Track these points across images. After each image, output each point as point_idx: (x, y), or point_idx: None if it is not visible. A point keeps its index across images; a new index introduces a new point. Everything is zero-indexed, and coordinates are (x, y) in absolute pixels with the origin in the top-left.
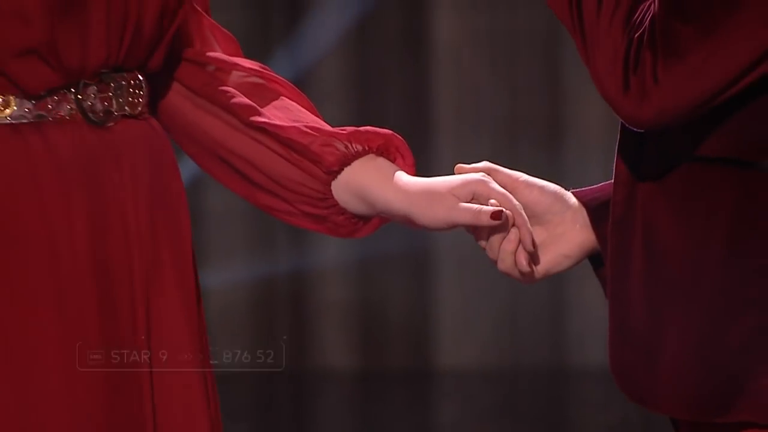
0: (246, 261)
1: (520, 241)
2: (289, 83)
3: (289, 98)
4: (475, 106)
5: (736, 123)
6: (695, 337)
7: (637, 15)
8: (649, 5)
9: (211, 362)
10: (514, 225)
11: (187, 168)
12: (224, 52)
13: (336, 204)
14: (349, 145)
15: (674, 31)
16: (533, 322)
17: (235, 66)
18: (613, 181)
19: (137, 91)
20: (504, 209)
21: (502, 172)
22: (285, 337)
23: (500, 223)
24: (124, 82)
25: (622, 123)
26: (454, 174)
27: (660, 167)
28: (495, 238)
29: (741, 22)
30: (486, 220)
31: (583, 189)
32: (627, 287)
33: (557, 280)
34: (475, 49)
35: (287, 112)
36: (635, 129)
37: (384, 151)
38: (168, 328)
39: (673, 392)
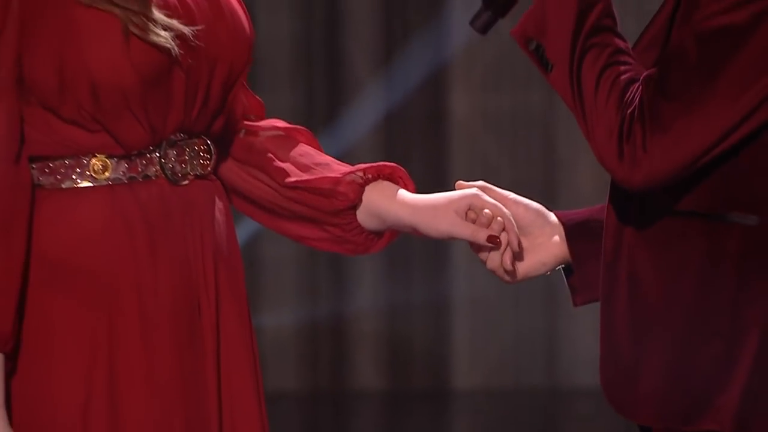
0: (294, 302)
1: (507, 244)
2: (304, 129)
3: (305, 143)
4: (484, 171)
5: (709, 182)
6: (669, 362)
7: (629, 94)
8: (638, 86)
9: (262, 383)
10: (504, 231)
11: (247, 222)
12: (254, 113)
13: (358, 225)
14: (364, 176)
15: (659, 108)
16: (532, 349)
17: (260, 128)
18: (604, 225)
19: (206, 155)
20: (497, 235)
21: (494, 190)
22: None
23: (494, 245)
24: (196, 147)
25: (612, 181)
26: (455, 186)
27: (643, 220)
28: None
29: (715, 100)
30: (482, 239)
31: (564, 211)
32: (614, 319)
33: (553, 314)
34: (485, 125)
35: (308, 157)
36: (632, 190)
37: (391, 177)
38: (231, 352)
39: (650, 404)
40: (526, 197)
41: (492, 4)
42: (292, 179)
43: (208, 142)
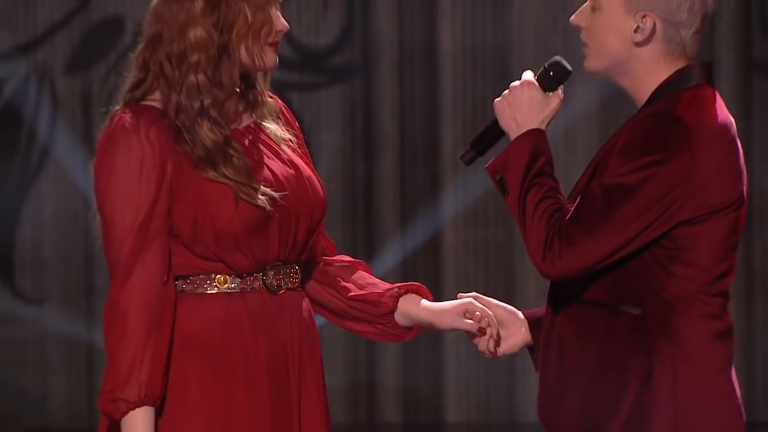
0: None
1: (490, 336)
2: (362, 261)
3: (362, 270)
4: (467, 285)
5: (606, 282)
6: (579, 399)
7: (554, 219)
8: (561, 215)
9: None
10: (489, 326)
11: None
12: (329, 251)
13: (395, 323)
14: (398, 291)
15: (571, 231)
16: (511, 387)
17: (332, 261)
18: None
19: (295, 276)
20: (484, 328)
21: (482, 298)
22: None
23: (484, 333)
24: (288, 270)
25: (549, 284)
26: (456, 297)
27: (566, 307)
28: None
29: (609, 230)
30: (476, 330)
31: (528, 310)
32: (548, 370)
33: (529, 361)
34: (466, 252)
35: (363, 279)
36: (549, 280)
37: (416, 291)
38: (309, 404)
39: (567, 426)
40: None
41: (476, 147)
42: (353, 294)
43: (297, 267)
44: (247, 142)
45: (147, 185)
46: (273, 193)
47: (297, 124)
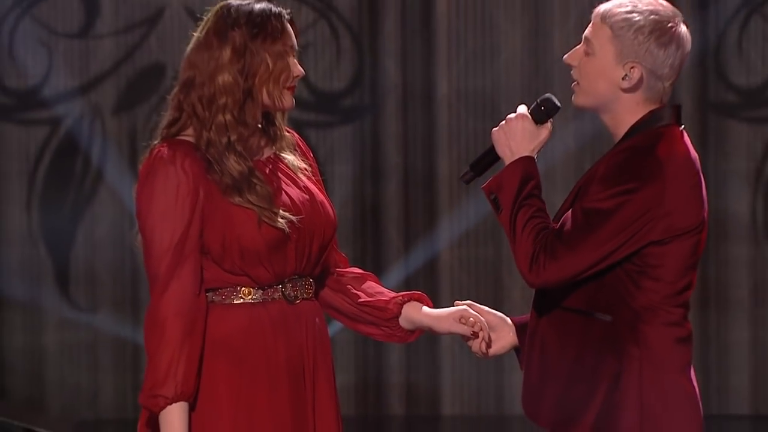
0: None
1: (482, 339)
2: (371, 273)
3: (371, 281)
4: (460, 296)
5: (584, 292)
6: (558, 394)
7: (540, 236)
8: (546, 232)
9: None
10: (481, 330)
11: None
12: (342, 264)
13: (400, 327)
14: (402, 299)
15: (555, 247)
16: (499, 384)
17: (345, 272)
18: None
19: (310, 287)
20: (477, 332)
21: (475, 305)
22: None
23: (477, 337)
24: (304, 282)
25: (534, 292)
26: (453, 305)
27: (548, 312)
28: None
29: (587, 247)
30: (470, 333)
31: (515, 317)
32: (531, 367)
33: (516, 361)
34: (460, 267)
35: (372, 288)
36: (533, 288)
37: (418, 299)
38: (322, 401)
39: (546, 415)
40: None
41: (474, 168)
42: (362, 300)
43: (311, 279)
44: (268, 171)
45: (182, 209)
46: (291, 216)
47: (311, 155)
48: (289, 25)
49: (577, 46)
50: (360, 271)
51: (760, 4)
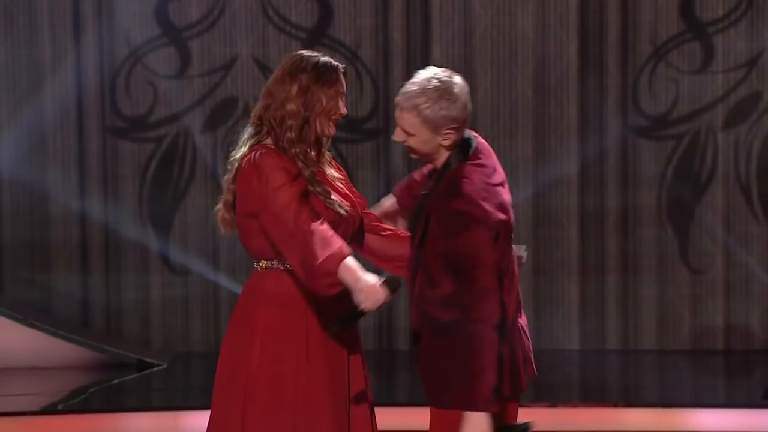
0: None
1: None
2: (404, 231)
3: (389, 229)
4: None
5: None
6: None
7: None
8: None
9: (373, 399)
10: None
11: None
12: (372, 219)
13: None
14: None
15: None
16: None
17: (382, 228)
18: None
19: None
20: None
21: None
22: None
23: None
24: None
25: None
26: None
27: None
28: None
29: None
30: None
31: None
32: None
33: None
34: None
35: (398, 237)
36: None
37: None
38: (355, 375)
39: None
40: None
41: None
42: (382, 225)
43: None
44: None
45: (294, 179)
46: (343, 202)
47: (343, 169)
48: (342, 76)
49: (397, 129)
50: (391, 230)
51: (664, 54)
